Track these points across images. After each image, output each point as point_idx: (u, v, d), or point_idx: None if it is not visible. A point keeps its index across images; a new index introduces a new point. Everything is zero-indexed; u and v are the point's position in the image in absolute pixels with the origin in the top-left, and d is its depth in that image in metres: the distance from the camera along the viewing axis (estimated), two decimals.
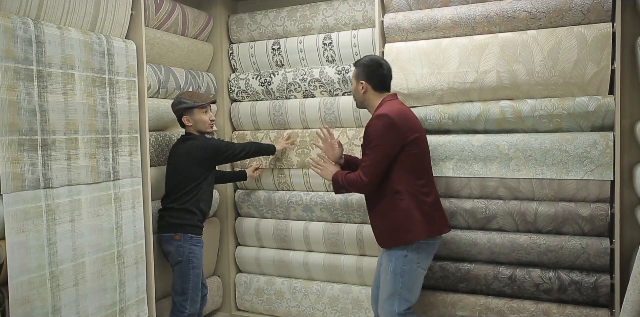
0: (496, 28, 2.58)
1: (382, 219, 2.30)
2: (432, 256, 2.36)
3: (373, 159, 2.20)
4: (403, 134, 2.21)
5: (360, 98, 2.39)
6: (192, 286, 2.55)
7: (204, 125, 2.64)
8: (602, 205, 2.41)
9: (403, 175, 2.24)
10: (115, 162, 2.24)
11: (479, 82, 2.55)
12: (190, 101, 2.60)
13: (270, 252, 3.27)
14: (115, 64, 2.24)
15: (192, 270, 2.55)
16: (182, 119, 2.63)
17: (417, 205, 2.24)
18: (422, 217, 2.24)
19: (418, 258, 2.27)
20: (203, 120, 2.63)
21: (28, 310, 1.82)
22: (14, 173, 1.78)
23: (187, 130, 2.68)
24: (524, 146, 2.50)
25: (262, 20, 3.23)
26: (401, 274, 2.26)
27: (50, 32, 1.92)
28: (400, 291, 2.27)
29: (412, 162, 2.25)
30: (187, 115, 2.62)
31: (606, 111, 2.37)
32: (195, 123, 2.63)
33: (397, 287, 2.27)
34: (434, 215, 2.29)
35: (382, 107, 2.29)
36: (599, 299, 2.42)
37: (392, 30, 2.77)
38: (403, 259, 2.26)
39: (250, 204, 3.30)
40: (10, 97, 1.77)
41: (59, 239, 1.96)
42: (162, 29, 2.88)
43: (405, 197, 2.23)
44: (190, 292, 2.55)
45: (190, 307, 2.54)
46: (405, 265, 2.26)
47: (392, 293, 2.28)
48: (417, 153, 2.26)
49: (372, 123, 2.23)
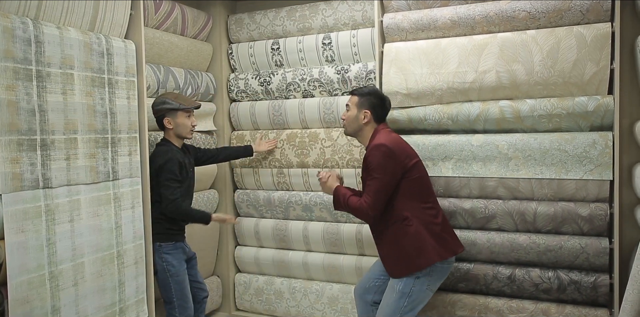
0: (495, 28, 2.58)
1: (392, 247, 2.26)
2: (444, 278, 2.32)
3: (376, 189, 2.20)
4: (402, 162, 2.23)
5: (357, 127, 2.38)
6: (176, 295, 2.50)
7: (185, 130, 2.53)
8: (601, 205, 2.41)
9: (408, 201, 2.24)
10: (115, 162, 2.24)
11: (479, 82, 2.55)
12: (175, 103, 2.49)
13: (269, 252, 3.27)
14: (114, 64, 2.23)
15: (171, 278, 2.49)
16: (164, 120, 2.50)
17: (427, 228, 2.22)
18: (433, 240, 2.22)
19: (429, 280, 2.24)
20: (185, 124, 2.52)
21: (27, 310, 1.82)
22: (13, 173, 1.78)
23: (165, 135, 2.57)
24: (523, 146, 2.50)
25: (262, 20, 3.23)
26: (409, 294, 2.22)
27: (49, 32, 1.92)
28: (402, 311, 2.23)
29: (416, 187, 2.26)
30: (170, 117, 2.49)
31: (605, 111, 2.37)
32: (176, 126, 2.51)
33: (401, 307, 2.23)
34: (445, 236, 2.27)
35: (377, 137, 2.30)
36: (598, 298, 2.42)
37: (391, 30, 2.77)
38: (414, 280, 2.22)
39: (250, 204, 3.30)
40: (9, 97, 1.77)
41: (59, 239, 1.96)
42: (162, 28, 2.88)
43: (414, 223, 2.22)
44: (176, 300, 2.51)
45: (180, 314, 2.52)
46: (415, 286, 2.22)
47: (394, 312, 2.24)
48: (419, 177, 2.27)
49: (372, 153, 2.24)
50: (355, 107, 2.38)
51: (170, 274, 2.50)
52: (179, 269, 2.52)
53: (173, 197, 2.44)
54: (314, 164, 3.08)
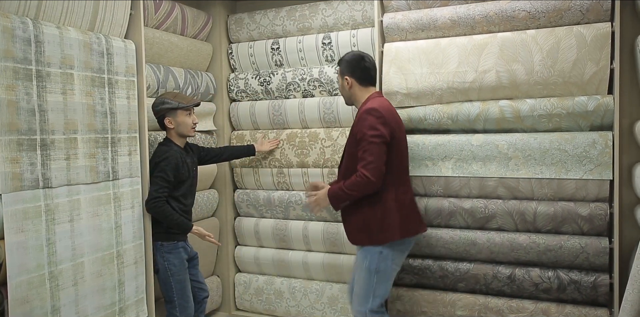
0: (495, 28, 2.58)
1: (358, 216, 2.28)
2: (406, 253, 2.38)
3: (374, 154, 2.14)
4: (391, 130, 2.21)
5: (347, 94, 2.40)
6: (176, 294, 2.52)
7: (187, 128, 2.53)
8: (601, 204, 2.41)
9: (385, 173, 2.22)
10: (115, 162, 2.24)
11: (478, 81, 2.55)
12: (175, 102, 2.48)
13: (269, 251, 3.27)
14: (114, 63, 2.23)
15: (171, 277, 2.50)
16: (165, 120, 2.50)
17: (396, 203, 2.24)
18: (399, 217, 2.24)
19: (393, 255, 2.29)
20: (186, 122, 2.52)
21: (27, 310, 1.82)
22: (13, 173, 1.78)
23: (168, 134, 2.57)
24: (523, 146, 2.50)
25: (262, 20, 3.23)
26: (376, 270, 2.27)
27: (49, 31, 1.92)
28: (375, 288, 2.29)
29: (395, 160, 2.25)
30: (170, 116, 2.49)
31: (605, 111, 2.37)
32: (177, 125, 2.51)
33: (372, 284, 2.29)
34: (411, 214, 2.31)
35: (370, 102, 2.27)
36: (598, 298, 2.42)
37: (391, 30, 2.77)
38: (378, 255, 2.26)
39: (250, 204, 3.30)
40: (9, 97, 1.77)
41: (58, 239, 1.96)
42: (162, 28, 2.88)
43: (384, 196, 2.23)
44: (177, 299, 2.52)
45: (180, 314, 2.53)
46: (380, 262, 2.26)
47: (367, 290, 2.30)
48: (398, 151, 2.27)
49: (364, 117, 2.20)
50: (340, 76, 2.41)
51: (172, 273, 2.50)
52: (180, 269, 2.52)
53: (156, 195, 2.42)
54: (314, 164, 3.08)
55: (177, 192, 2.51)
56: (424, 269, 2.72)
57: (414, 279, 2.76)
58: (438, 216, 2.67)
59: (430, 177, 2.69)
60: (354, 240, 2.34)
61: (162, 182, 2.43)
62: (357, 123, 2.23)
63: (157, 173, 2.44)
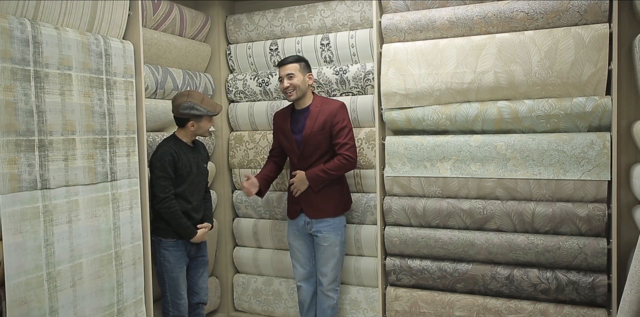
0: (494, 29, 2.58)
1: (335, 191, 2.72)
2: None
3: (353, 139, 2.68)
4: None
5: (304, 90, 2.69)
6: (169, 290, 2.54)
7: (205, 131, 2.61)
8: (599, 205, 2.41)
9: None
10: (113, 162, 2.24)
11: (477, 82, 2.56)
12: (204, 110, 2.51)
13: (268, 252, 3.27)
14: (112, 64, 2.23)
15: (165, 273, 2.53)
16: (188, 123, 2.54)
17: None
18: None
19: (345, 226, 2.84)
20: (207, 127, 2.59)
21: (25, 311, 1.81)
22: (11, 174, 1.78)
23: (177, 132, 2.59)
24: (521, 147, 2.50)
25: (260, 20, 3.23)
26: (343, 241, 2.77)
27: (47, 32, 1.91)
28: (342, 259, 2.79)
29: None
30: (194, 121, 2.54)
31: (603, 112, 2.38)
32: (198, 129, 2.57)
33: (342, 256, 2.78)
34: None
35: (327, 99, 2.75)
36: (597, 299, 2.43)
37: (389, 31, 2.77)
38: (344, 228, 2.78)
39: (248, 205, 3.30)
40: (7, 97, 1.76)
41: (57, 240, 1.95)
42: (160, 29, 2.88)
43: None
44: (169, 295, 2.54)
45: (173, 309, 2.55)
46: (345, 233, 2.79)
47: (339, 261, 2.73)
48: None
49: (339, 111, 2.67)
50: (301, 72, 2.67)
51: (165, 269, 2.53)
52: (175, 266, 2.54)
53: (164, 195, 2.45)
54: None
55: (180, 188, 2.53)
56: (422, 269, 2.72)
57: (413, 280, 2.76)
58: (436, 217, 2.67)
59: (428, 178, 2.69)
60: (338, 212, 2.73)
61: (164, 182, 2.46)
62: (337, 114, 2.64)
63: (156, 172, 2.46)
